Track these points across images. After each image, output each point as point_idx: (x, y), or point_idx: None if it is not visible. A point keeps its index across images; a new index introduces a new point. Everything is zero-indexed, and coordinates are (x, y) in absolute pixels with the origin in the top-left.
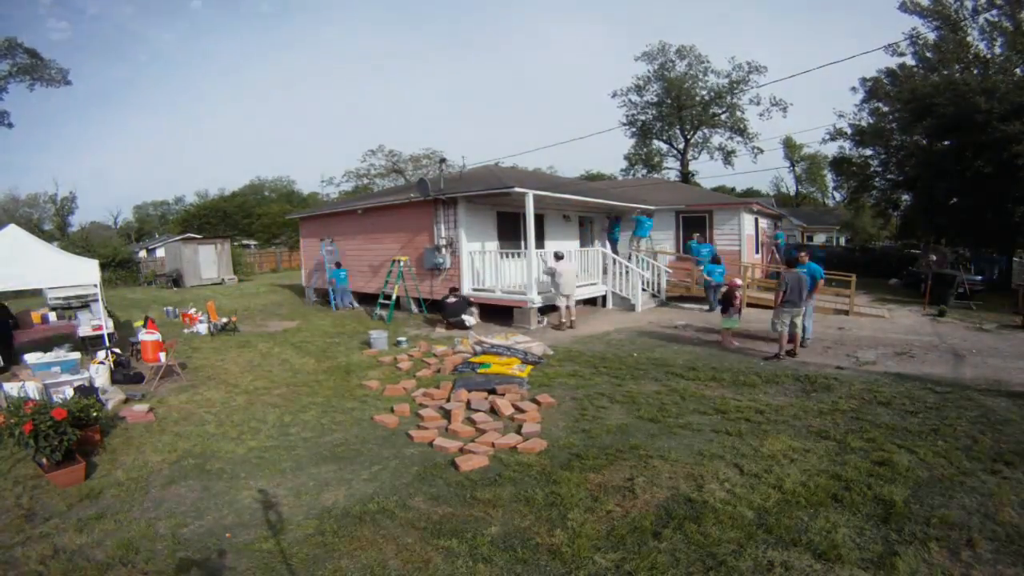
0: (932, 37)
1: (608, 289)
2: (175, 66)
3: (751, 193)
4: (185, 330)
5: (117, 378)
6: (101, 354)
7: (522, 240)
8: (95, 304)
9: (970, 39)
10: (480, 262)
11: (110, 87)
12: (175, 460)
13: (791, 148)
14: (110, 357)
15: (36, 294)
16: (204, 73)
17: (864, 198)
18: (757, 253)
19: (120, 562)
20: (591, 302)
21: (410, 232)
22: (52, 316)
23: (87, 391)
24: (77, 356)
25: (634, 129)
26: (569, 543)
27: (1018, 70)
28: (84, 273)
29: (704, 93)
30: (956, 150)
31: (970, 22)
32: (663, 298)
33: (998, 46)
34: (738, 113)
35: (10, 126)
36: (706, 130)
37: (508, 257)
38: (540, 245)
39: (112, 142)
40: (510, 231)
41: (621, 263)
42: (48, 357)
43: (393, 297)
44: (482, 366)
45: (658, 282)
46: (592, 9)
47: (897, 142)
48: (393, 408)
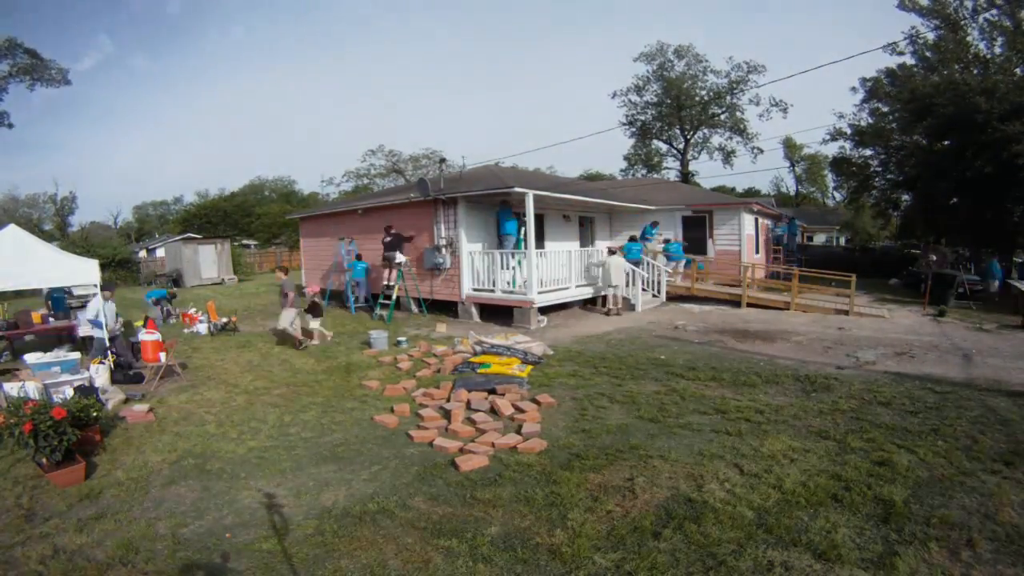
0: (932, 37)
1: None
2: (175, 66)
3: (751, 193)
4: (185, 330)
5: (117, 378)
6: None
7: (522, 240)
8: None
9: (970, 39)
10: (480, 262)
11: (110, 87)
12: (175, 460)
13: (791, 148)
14: (110, 357)
15: (36, 294)
16: (204, 73)
17: (864, 198)
18: (757, 253)
19: (120, 562)
20: (591, 302)
21: (410, 232)
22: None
23: (87, 391)
24: (77, 356)
25: (634, 129)
26: (569, 543)
27: (1018, 70)
28: (84, 273)
29: (704, 93)
30: (956, 150)
31: (970, 21)
32: (663, 298)
33: (998, 46)
34: (738, 113)
35: (10, 126)
36: (706, 130)
37: (508, 257)
38: (540, 245)
39: (112, 142)
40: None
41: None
42: (48, 357)
43: (393, 297)
44: (482, 366)
45: (658, 282)
46: (592, 9)
47: (897, 142)
48: (393, 408)
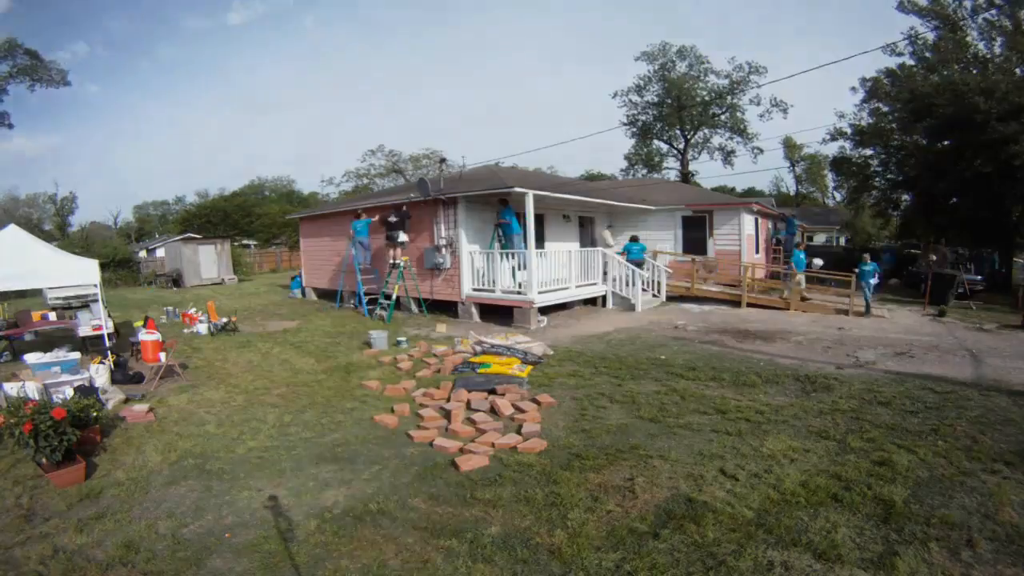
0: (931, 37)
1: (608, 289)
2: (176, 65)
3: (751, 193)
4: (185, 330)
5: (117, 378)
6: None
7: (522, 240)
8: (95, 304)
9: (969, 39)
10: (480, 262)
11: (110, 86)
12: (175, 460)
13: (791, 148)
14: (110, 357)
15: (36, 294)
16: (205, 73)
17: (864, 198)
18: (758, 253)
19: (120, 562)
20: (591, 302)
21: (410, 232)
22: (52, 316)
23: (87, 391)
24: (77, 356)
25: (634, 129)
26: (569, 543)
27: (1017, 70)
28: (84, 273)
29: (704, 93)
30: (955, 150)
31: (969, 22)
32: (663, 298)
33: (997, 46)
34: (738, 113)
35: (10, 127)
36: (706, 130)
37: (508, 257)
38: (540, 245)
39: (112, 142)
40: None
41: (622, 263)
42: (48, 357)
43: (393, 297)
44: (482, 366)
45: (658, 282)
46: (592, 8)
47: (897, 142)
48: (393, 408)
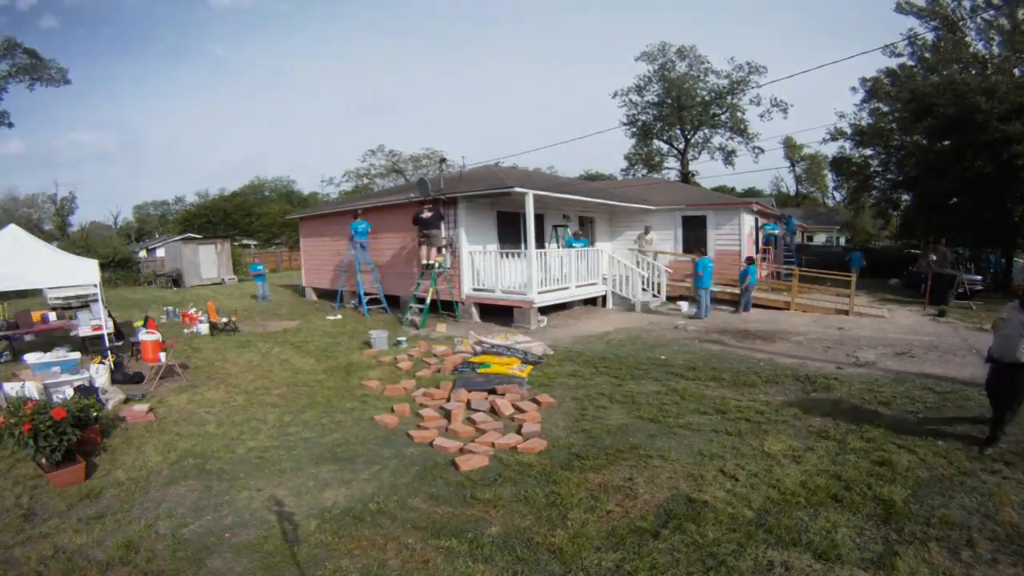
0: (930, 37)
1: (608, 289)
2: (175, 66)
3: (751, 193)
4: (185, 330)
5: (117, 378)
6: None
7: (522, 240)
8: (95, 304)
9: (968, 39)
10: (480, 262)
11: (110, 86)
12: (175, 460)
13: (791, 148)
14: (110, 357)
15: (36, 294)
16: (204, 73)
17: (864, 198)
18: (757, 253)
19: (120, 562)
20: (591, 302)
21: (411, 232)
22: (52, 316)
23: (87, 391)
24: (77, 356)
25: (634, 129)
26: (569, 543)
27: (1017, 70)
28: (84, 273)
29: (704, 93)
30: (956, 150)
31: (968, 22)
32: (663, 298)
33: (996, 46)
34: (738, 113)
35: (10, 126)
36: (706, 130)
37: (508, 257)
38: (540, 245)
39: (112, 142)
40: (510, 231)
41: (621, 263)
42: (48, 357)
43: (427, 301)
44: (482, 366)
45: (658, 282)
46: (592, 8)
47: (897, 142)
48: (393, 408)
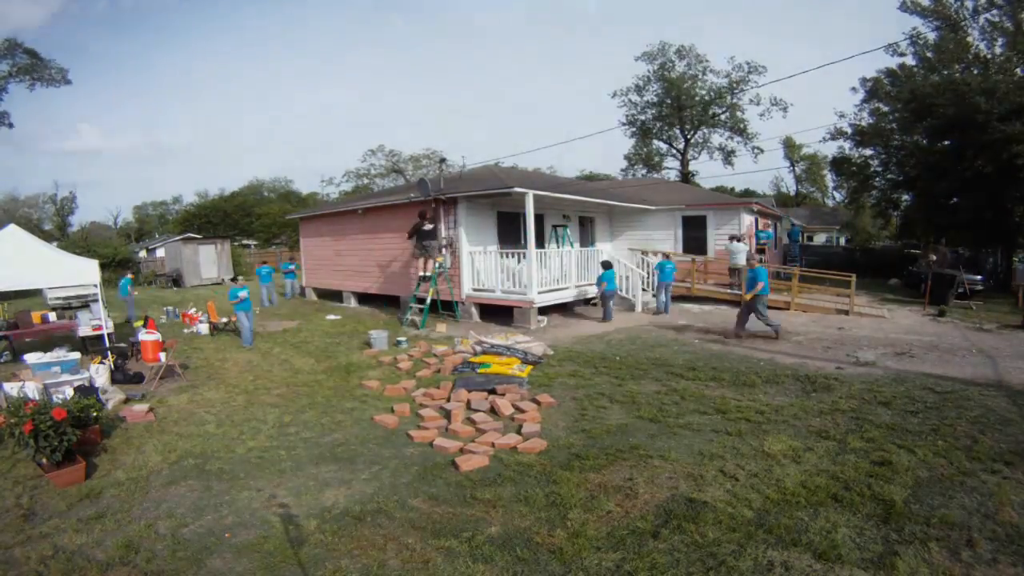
0: (932, 37)
1: None
2: (176, 66)
3: (750, 193)
4: (185, 330)
5: (117, 378)
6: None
7: (522, 240)
8: (95, 304)
9: (970, 39)
10: (480, 262)
11: (111, 86)
12: (175, 460)
13: (791, 148)
14: (110, 357)
15: (36, 294)
16: (204, 73)
17: (864, 198)
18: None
19: (120, 562)
20: (591, 302)
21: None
22: (52, 316)
23: (87, 391)
24: (77, 356)
25: (634, 129)
26: (569, 543)
27: (1018, 70)
28: (84, 273)
29: (704, 93)
30: (956, 150)
31: (970, 22)
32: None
33: (998, 46)
34: (738, 113)
35: (10, 126)
36: (706, 130)
37: (508, 257)
38: (540, 245)
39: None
40: (510, 231)
41: (622, 263)
42: (48, 357)
43: (427, 301)
44: (482, 366)
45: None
46: (592, 8)
47: (897, 142)
48: (393, 408)
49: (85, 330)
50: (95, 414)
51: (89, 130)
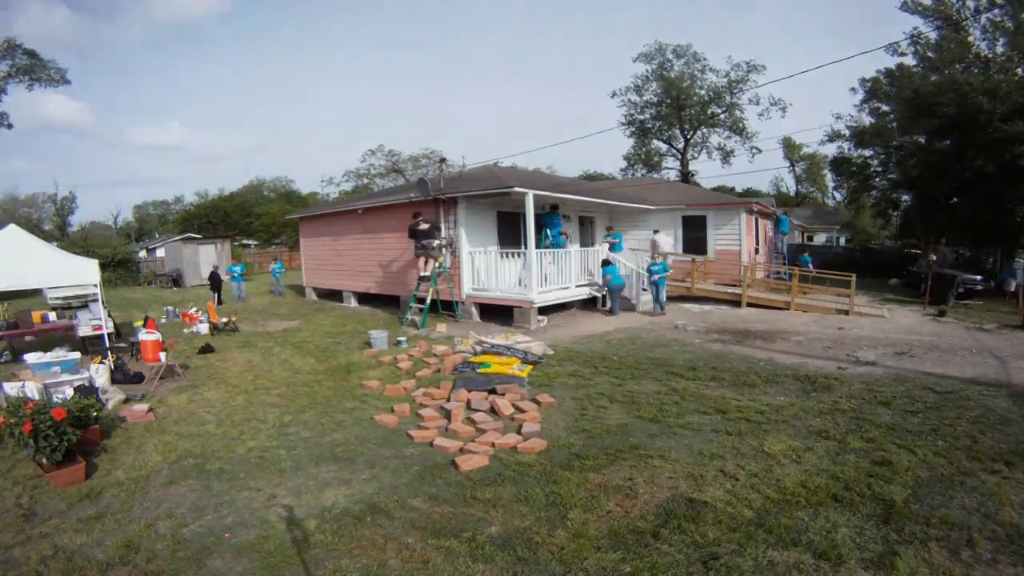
0: (933, 37)
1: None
2: (176, 66)
3: (750, 193)
4: (185, 330)
5: (117, 378)
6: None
7: (522, 240)
8: (95, 304)
9: (971, 39)
10: (480, 262)
11: (111, 86)
12: (175, 460)
13: (791, 148)
14: (110, 357)
15: (36, 294)
16: (204, 73)
17: (864, 198)
18: (757, 253)
19: (120, 562)
20: (591, 302)
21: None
22: (52, 316)
23: (87, 391)
24: (77, 356)
25: (633, 129)
26: (569, 543)
27: (1020, 70)
28: (84, 273)
29: (703, 93)
30: (957, 150)
31: (971, 22)
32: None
33: (999, 46)
34: (737, 113)
35: (10, 127)
36: (705, 130)
37: (508, 257)
38: (540, 245)
39: (113, 141)
40: (510, 231)
41: (622, 263)
42: (48, 357)
43: (427, 301)
44: (482, 366)
45: None
46: (592, 8)
47: (897, 142)
48: (393, 408)
49: (85, 330)
50: (95, 414)
51: (89, 129)
